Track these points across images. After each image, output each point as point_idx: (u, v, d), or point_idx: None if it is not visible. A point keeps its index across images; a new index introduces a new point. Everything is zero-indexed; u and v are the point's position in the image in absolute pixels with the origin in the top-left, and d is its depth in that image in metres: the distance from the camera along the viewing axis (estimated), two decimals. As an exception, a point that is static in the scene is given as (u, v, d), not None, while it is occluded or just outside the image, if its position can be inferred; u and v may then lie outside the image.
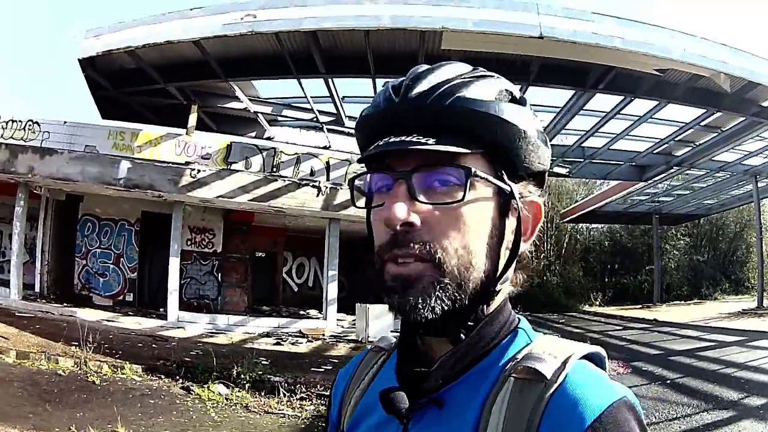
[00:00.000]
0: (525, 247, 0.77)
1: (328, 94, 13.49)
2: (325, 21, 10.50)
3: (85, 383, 8.53)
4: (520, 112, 0.74)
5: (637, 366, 10.97)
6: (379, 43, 11.38)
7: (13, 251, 13.79)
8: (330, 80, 12.85)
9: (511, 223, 0.75)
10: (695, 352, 12.64)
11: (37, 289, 14.78)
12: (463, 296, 0.71)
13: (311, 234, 19.08)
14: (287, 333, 13.69)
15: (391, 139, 0.71)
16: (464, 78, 0.74)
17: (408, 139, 0.70)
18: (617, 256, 36.80)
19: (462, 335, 0.74)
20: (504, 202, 0.74)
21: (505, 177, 0.74)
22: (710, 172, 20.34)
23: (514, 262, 0.76)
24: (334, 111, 14.60)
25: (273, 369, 9.44)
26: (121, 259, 15.95)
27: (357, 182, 0.79)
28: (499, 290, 0.76)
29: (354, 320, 14.75)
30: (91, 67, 12.87)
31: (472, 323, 0.74)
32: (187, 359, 10.09)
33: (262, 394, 8.43)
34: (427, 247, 0.70)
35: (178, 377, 9.21)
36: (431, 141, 0.69)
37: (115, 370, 9.39)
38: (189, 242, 15.97)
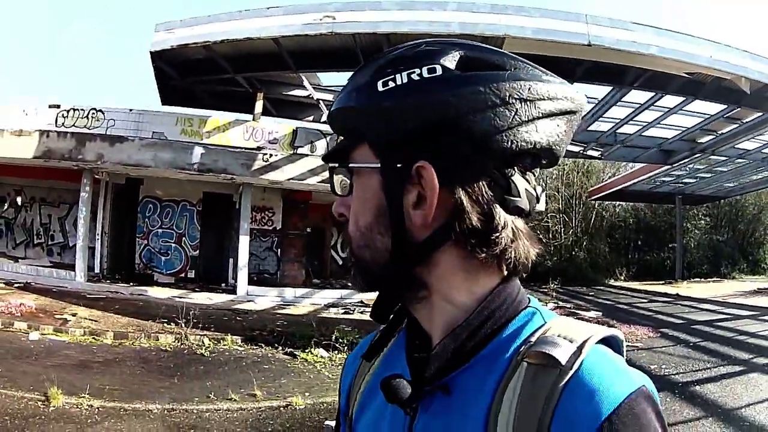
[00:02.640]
0: (417, 213, 0.75)
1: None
2: (401, 25, 12.29)
3: (195, 356, 9.86)
4: (369, 86, 0.76)
5: (665, 332, 13.53)
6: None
7: (79, 235, 15.46)
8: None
9: (410, 195, 0.75)
10: (713, 322, 15.20)
11: (97, 270, 16.64)
12: (377, 267, 0.78)
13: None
14: (351, 303, 16.02)
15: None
16: (348, 79, 0.82)
17: (337, 140, 0.85)
18: (641, 234, 39.24)
19: (412, 294, 0.79)
20: (391, 180, 0.76)
21: (388, 155, 0.76)
22: (731, 159, 22.54)
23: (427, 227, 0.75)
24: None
25: (361, 333, 11.15)
26: (183, 238, 18.30)
27: None
28: (432, 257, 0.76)
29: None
30: (160, 58, 14.75)
31: (416, 286, 0.78)
32: (278, 329, 11.82)
33: (360, 355, 10.55)
34: (348, 234, 0.82)
35: (277, 345, 10.77)
36: (332, 148, 0.85)
37: (217, 342, 10.77)
38: (250, 220, 17.91)
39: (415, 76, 0.74)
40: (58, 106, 16.62)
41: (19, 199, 17.55)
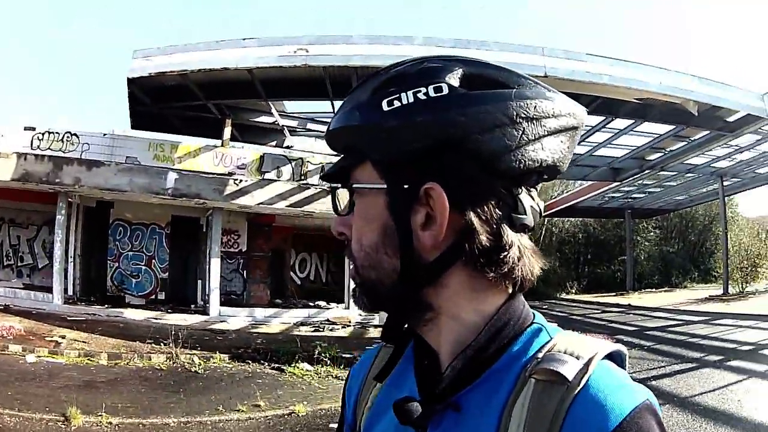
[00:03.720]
0: (426, 234, 0.76)
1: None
2: (371, 59, 13.32)
3: (190, 374, 10.46)
4: (373, 105, 0.77)
5: (619, 338, 14.81)
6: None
7: (55, 258, 15.76)
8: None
9: (419, 215, 0.77)
10: (666, 328, 16.80)
11: (70, 292, 16.82)
12: (383, 288, 0.79)
13: (314, 231, 22.49)
14: (318, 322, 16.98)
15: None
16: (346, 98, 0.83)
17: (337, 161, 0.85)
18: (591, 248, 41.78)
19: (420, 315, 0.79)
20: (396, 199, 0.77)
21: (393, 175, 0.77)
22: (680, 173, 24.56)
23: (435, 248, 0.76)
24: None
25: (341, 348, 12.16)
26: (153, 260, 18.94)
27: None
28: (442, 277, 0.78)
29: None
30: (135, 84, 15.52)
31: (424, 309, 0.79)
32: (259, 346, 12.57)
33: (341, 367, 11.00)
34: (353, 253, 0.82)
35: (263, 361, 11.49)
36: (334, 165, 0.85)
37: (206, 360, 11.34)
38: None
39: (421, 95, 0.76)
40: (34, 129, 16.96)
41: None
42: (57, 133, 17.02)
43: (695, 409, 7.87)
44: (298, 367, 11.11)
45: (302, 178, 17.90)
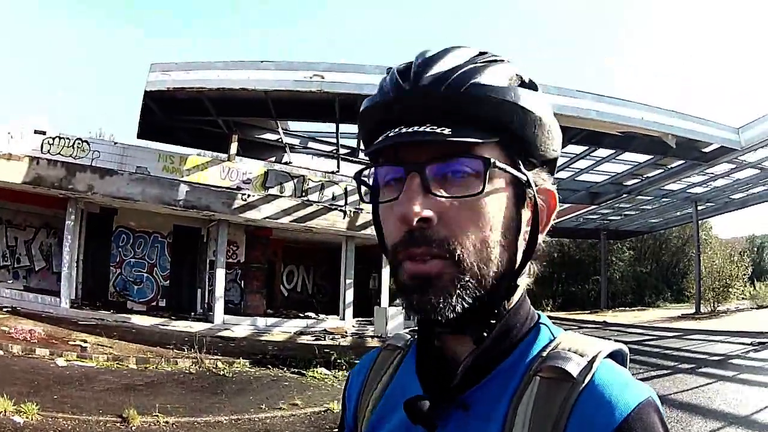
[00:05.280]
0: (541, 237, 0.82)
1: (357, 133, 18.54)
2: None
3: (220, 377, 11.22)
4: (535, 97, 0.79)
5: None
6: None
7: (64, 262, 16.66)
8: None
9: (527, 214, 0.80)
10: (641, 342, 18.82)
11: (73, 296, 17.13)
12: (483, 293, 0.76)
13: (300, 245, 24.34)
14: (317, 331, 18.55)
15: (403, 130, 0.75)
16: (477, 63, 0.79)
17: (422, 129, 0.74)
18: (566, 267, 44.13)
19: (485, 333, 0.79)
20: (519, 192, 0.79)
21: (521, 165, 0.79)
22: (656, 198, 26.97)
23: (533, 254, 0.81)
24: (355, 145, 19.93)
25: (352, 354, 13.20)
26: (155, 268, 20.27)
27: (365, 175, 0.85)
28: (518, 284, 0.83)
29: (359, 320, 20.12)
30: (149, 96, 16.65)
31: (493, 320, 0.79)
32: (273, 353, 13.72)
33: (356, 372, 12.64)
34: (446, 243, 0.74)
35: (282, 366, 12.46)
36: (446, 131, 0.73)
37: (230, 365, 12.12)
38: (215, 253, 19.67)
39: (522, 82, 0.81)
40: (44, 133, 17.56)
41: None
42: (68, 138, 17.85)
43: (672, 404, 9.54)
44: (317, 372, 12.17)
45: (303, 194, 19.55)
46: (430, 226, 0.74)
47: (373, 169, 0.83)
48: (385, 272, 19.66)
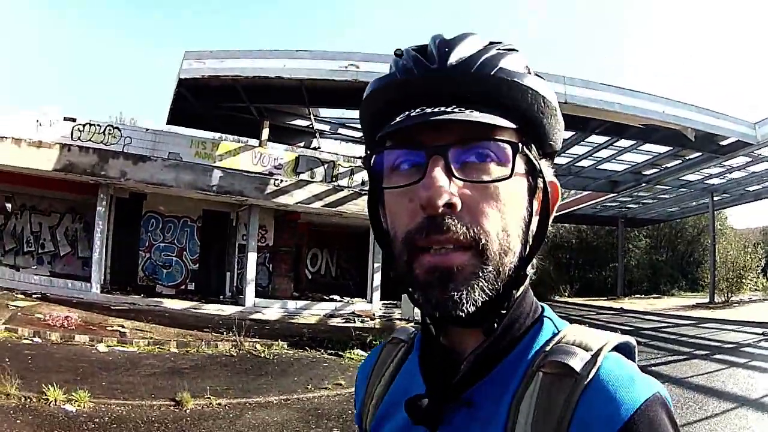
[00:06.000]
0: (535, 221, 0.80)
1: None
2: None
3: (260, 359, 11.51)
4: (550, 88, 0.80)
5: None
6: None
7: (95, 248, 17.30)
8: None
9: (536, 203, 0.80)
10: (658, 329, 19.82)
11: (101, 281, 17.57)
12: (500, 283, 0.76)
13: (326, 228, 25.20)
14: (346, 314, 19.41)
15: (428, 110, 0.73)
16: (498, 49, 0.79)
17: (450, 109, 0.73)
18: (584, 253, 44.86)
19: (495, 324, 0.79)
20: (533, 181, 0.79)
21: (536, 154, 0.79)
22: (674, 188, 27.74)
23: (542, 244, 0.81)
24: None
25: (387, 336, 14.48)
26: (184, 252, 21.12)
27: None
28: (527, 274, 0.82)
29: (384, 303, 21.02)
30: (183, 83, 17.30)
31: (504, 311, 0.79)
32: (308, 335, 14.01)
33: (393, 354, 13.11)
34: (471, 231, 0.72)
35: (319, 348, 12.81)
36: (475, 113, 0.72)
37: (268, 347, 12.34)
38: (244, 237, 20.65)
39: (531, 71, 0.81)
40: (74, 120, 18.09)
41: (9, 206, 18.77)
42: (98, 125, 18.43)
43: (688, 386, 10.45)
44: (354, 353, 12.40)
45: (333, 179, 20.33)
46: (454, 213, 0.72)
47: (391, 153, 0.79)
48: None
